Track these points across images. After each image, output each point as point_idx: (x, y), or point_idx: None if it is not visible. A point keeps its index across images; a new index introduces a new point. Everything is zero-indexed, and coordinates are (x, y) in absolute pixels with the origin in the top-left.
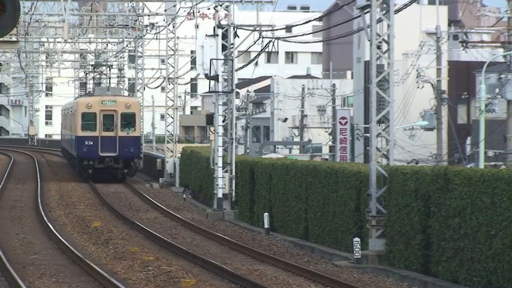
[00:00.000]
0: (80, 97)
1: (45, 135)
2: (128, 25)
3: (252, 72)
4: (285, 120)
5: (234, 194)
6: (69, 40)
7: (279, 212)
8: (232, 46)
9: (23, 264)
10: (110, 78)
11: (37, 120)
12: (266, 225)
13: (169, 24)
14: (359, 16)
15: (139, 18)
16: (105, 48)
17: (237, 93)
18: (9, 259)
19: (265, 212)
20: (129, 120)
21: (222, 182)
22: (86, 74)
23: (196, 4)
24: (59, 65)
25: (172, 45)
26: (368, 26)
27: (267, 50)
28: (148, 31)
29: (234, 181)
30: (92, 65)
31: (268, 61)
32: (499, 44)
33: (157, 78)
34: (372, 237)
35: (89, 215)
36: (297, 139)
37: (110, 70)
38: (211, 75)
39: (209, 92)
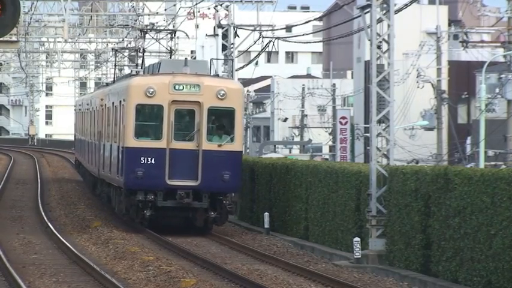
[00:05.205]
0: (134, 76)
1: (45, 135)
2: (128, 25)
3: (252, 72)
4: (285, 120)
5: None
6: (69, 40)
7: (279, 212)
8: (232, 46)
9: (23, 264)
10: (172, 51)
11: (37, 120)
12: (266, 225)
13: (169, 24)
14: (359, 16)
15: (139, 18)
16: (105, 48)
17: None
18: (9, 259)
19: (265, 212)
20: (224, 121)
21: None
22: (116, 44)
23: (196, 4)
24: (59, 64)
25: (172, 45)
26: (368, 26)
27: (267, 50)
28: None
29: None
30: (140, 29)
31: (268, 61)
32: (499, 44)
33: None
34: (372, 237)
35: (89, 215)
36: (297, 139)
37: (173, 36)
38: (211, 75)
39: None
